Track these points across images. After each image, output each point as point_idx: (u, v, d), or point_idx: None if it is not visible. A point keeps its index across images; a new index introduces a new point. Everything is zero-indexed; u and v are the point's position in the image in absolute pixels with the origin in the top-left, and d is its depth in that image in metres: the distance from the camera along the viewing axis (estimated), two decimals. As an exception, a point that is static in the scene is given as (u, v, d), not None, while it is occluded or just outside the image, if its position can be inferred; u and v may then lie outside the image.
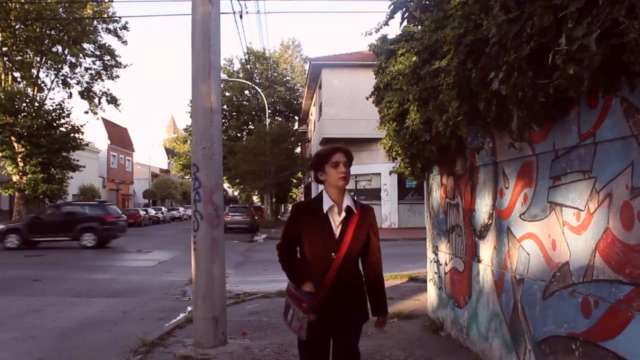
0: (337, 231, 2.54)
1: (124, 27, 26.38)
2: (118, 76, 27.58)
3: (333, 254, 2.51)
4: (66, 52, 24.97)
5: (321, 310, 2.46)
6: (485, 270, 4.21)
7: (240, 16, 21.92)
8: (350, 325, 2.61)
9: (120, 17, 26.39)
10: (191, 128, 5.43)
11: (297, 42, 69.72)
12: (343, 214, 2.55)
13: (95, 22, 25.30)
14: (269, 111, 35.61)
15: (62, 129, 24.33)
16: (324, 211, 2.54)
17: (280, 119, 40.63)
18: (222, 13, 12.20)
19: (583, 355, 2.73)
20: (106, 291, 8.75)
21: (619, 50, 1.99)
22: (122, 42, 27.78)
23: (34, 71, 24.80)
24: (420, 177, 5.97)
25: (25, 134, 22.32)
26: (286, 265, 2.65)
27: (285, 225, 2.70)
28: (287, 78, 45.74)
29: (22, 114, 22.61)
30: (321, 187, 2.66)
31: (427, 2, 4.01)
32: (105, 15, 25.54)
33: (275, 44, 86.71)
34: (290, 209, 2.74)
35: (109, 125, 45.72)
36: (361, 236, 2.57)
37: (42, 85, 25.48)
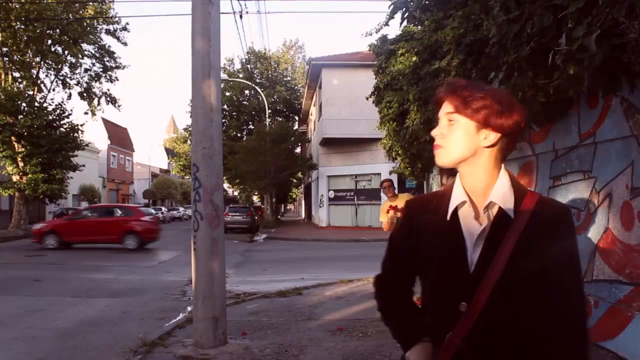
0: (472, 256, 1.22)
1: (124, 29, 26.41)
2: (117, 79, 27.61)
3: (462, 304, 1.20)
4: (66, 52, 24.99)
5: None
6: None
7: (240, 16, 21.92)
8: None
9: (120, 18, 26.46)
10: (191, 128, 5.43)
11: (301, 44, 69.96)
12: (485, 220, 1.23)
13: (95, 22, 25.31)
14: (269, 111, 35.60)
15: (62, 129, 24.35)
16: (449, 213, 1.27)
17: (280, 119, 40.63)
18: (222, 13, 12.20)
19: (583, 355, 2.73)
20: (106, 291, 8.74)
21: (619, 50, 1.99)
22: (122, 44, 27.79)
23: (34, 71, 24.81)
24: (420, 177, 5.98)
25: (25, 134, 22.32)
26: (389, 312, 1.41)
27: (390, 238, 1.43)
28: (288, 78, 45.79)
29: (22, 114, 22.63)
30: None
31: (427, 2, 4.01)
32: (106, 16, 25.56)
33: (277, 43, 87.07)
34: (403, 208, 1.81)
35: (109, 125, 45.74)
36: (530, 268, 1.17)
37: (42, 85, 25.51)
